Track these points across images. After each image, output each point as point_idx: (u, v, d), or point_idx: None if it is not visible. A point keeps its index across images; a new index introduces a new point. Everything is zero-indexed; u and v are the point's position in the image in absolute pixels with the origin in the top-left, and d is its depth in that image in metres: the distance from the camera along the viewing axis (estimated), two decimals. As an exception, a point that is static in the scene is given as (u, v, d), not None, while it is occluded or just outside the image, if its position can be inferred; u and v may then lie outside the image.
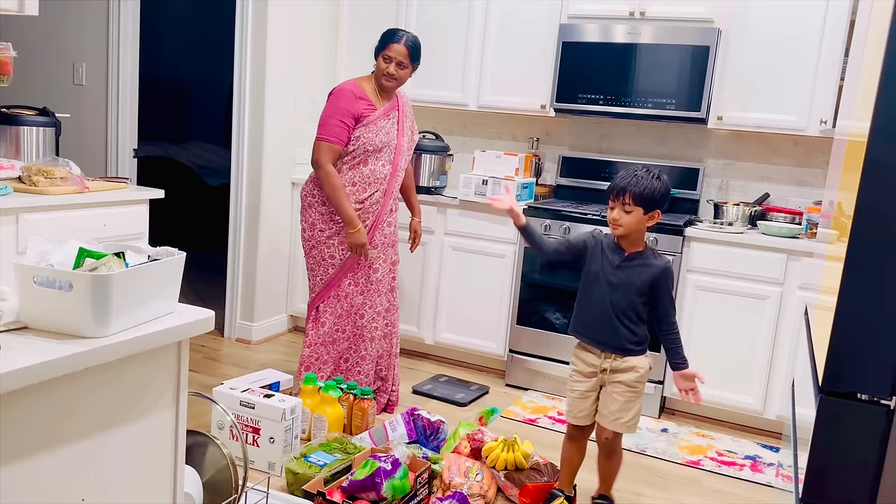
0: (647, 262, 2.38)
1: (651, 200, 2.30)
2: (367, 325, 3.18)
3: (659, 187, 2.31)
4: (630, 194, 2.29)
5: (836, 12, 3.30)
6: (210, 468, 2.06)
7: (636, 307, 2.38)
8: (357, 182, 3.05)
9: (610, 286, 2.39)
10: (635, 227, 2.33)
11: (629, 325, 2.38)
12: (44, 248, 1.36)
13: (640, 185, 2.29)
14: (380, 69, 3.03)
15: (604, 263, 2.41)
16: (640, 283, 2.36)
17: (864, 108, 1.39)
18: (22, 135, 3.15)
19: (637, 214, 2.31)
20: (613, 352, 2.40)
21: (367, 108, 3.03)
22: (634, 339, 2.40)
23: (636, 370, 2.40)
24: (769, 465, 3.13)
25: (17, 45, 4.28)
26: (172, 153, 6.13)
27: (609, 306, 2.38)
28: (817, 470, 1.36)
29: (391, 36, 3.04)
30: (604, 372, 2.41)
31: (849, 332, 1.31)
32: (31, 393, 1.19)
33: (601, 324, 2.41)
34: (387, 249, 3.19)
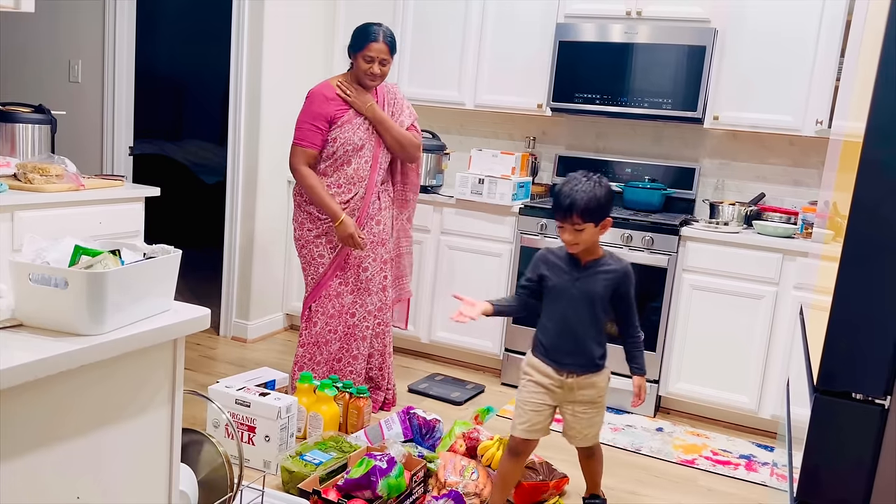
0: (606, 268, 2.29)
1: (599, 211, 2.21)
2: (358, 325, 3.18)
3: (602, 195, 2.22)
4: (577, 214, 2.19)
5: (833, 12, 3.31)
6: (205, 466, 2.06)
7: (600, 318, 2.31)
8: (342, 183, 3.05)
9: (572, 300, 2.29)
10: (591, 241, 2.26)
11: (596, 339, 2.31)
12: (39, 245, 1.36)
13: (583, 200, 2.18)
14: (362, 69, 2.98)
15: (563, 277, 2.31)
16: (602, 291, 2.28)
17: (859, 108, 1.39)
18: (17, 132, 3.14)
19: (589, 230, 2.23)
20: (576, 371, 2.31)
21: (338, 109, 3.00)
22: (599, 353, 2.34)
23: (596, 386, 2.34)
24: (764, 464, 3.14)
25: (12, 42, 4.28)
26: (168, 151, 6.12)
27: (574, 323, 2.29)
28: (812, 469, 1.37)
29: (367, 34, 2.98)
30: (562, 388, 2.32)
31: (844, 331, 1.31)
32: (26, 391, 1.18)
33: (565, 342, 2.31)
34: (376, 248, 3.15)
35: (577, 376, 2.31)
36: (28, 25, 4.21)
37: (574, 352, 2.30)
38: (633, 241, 3.51)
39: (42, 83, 4.22)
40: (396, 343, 4.18)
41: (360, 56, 2.98)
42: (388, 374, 3.33)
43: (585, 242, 2.25)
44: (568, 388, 2.31)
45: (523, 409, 2.35)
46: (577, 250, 2.27)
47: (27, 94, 3.95)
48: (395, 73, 4.21)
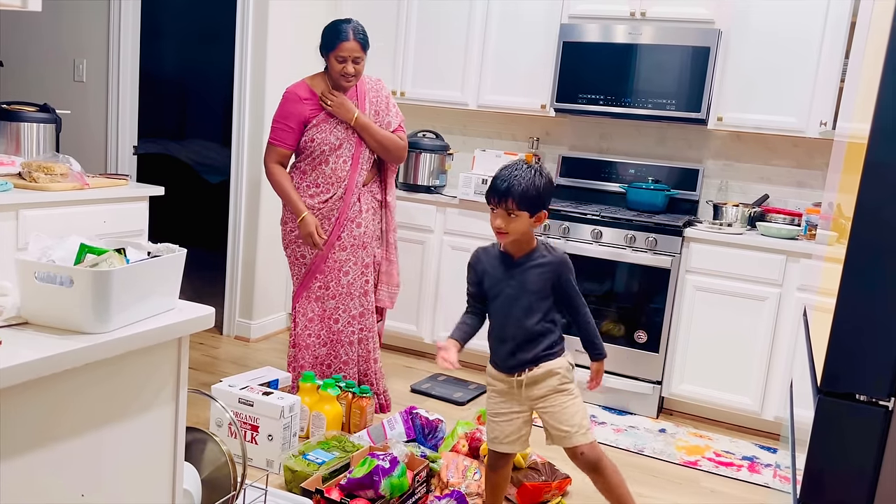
0: (541, 261, 2.16)
1: (536, 201, 2.09)
2: (343, 330, 3.13)
3: (542, 184, 2.09)
4: (512, 199, 2.06)
5: (837, 14, 3.31)
6: (209, 465, 2.06)
7: (541, 311, 2.16)
8: (320, 183, 3.02)
9: (508, 299, 2.16)
10: (523, 232, 2.12)
11: (537, 332, 2.16)
12: (45, 243, 1.36)
13: (521, 186, 2.06)
14: (335, 70, 2.94)
15: (496, 277, 2.19)
16: (539, 286, 2.15)
17: (864, 109, 1.39)
18: (22, 131, 3.15)
19: (523, 219, 2.09)
20: (525, 367, 2.17)
21: (312, 109, 2.98)
22: (546, 343, 2.17)
23: (553, 373, 2.16)
24: (767, 465, 3.13)
25: (18, 42, 4.29)
26: (172, 150, 6.13)
27: (512, 321, 2.16)
28: (815, 471, 1.37)
29: (337, 33, 2.92)
30: (519, 388, 2.18)
31: (848, 333, 1.31)
32: (31, 388, 1.19)
33: (508, 343, 2.17)
34: (357, 251, 3.09)
35: (529, 370, 2.17)
36: (33, 25, 4.22)
37: (518, 350, 2.17)
38: (637, 242, 3.51)
39: (47, 82, 4.23)
40: (399, 342, 4.19)
41: (332, 56, 2.94)
42: (377, 380, 3.25)
43: (515, 232, 2.10)
44: (522, 386, 2.17)
45: (494, 422, 2.24)
46: (506, 241, 2.14)
47: (32, 94, 3.96)
48: (399, 73, 4.22)
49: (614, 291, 3.61)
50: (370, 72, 4.36)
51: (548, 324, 2.18)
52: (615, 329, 3.60)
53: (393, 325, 4.09)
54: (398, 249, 3.37)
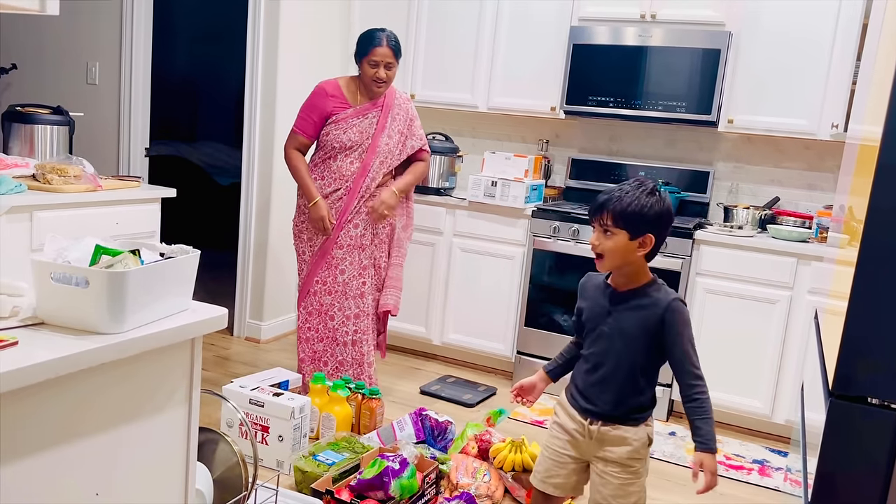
0: (646, 300, 1.84)
1: (639, 221, 1.79)
2: (338, 329, 3.17)
3: (650, 204, 1.79)
4: (610, 213, 1.80)
5: (848, 16, 3.30)
6: (220, 465, 2.07)
7: (636, 362, 1.86)
8: (325, 177, 3.11)
9: (603, 337, 1.89)
10: (621, 255, 1.82)
11: (626, 386, 1.87)
12: (61, 244, 1.38)
13: (623, 201, 1.79)
14: (367, 75, 3.03)
15: (595, 309, 1.93)
16: (637, 331, 1.84)
17: (876, 112, 1.39)
18: (36, 133, 3.18)
19: (621, 239, 1.80)
20: (602, 419, 1.89)
21: (337, 105, 3.07)
22: (636, 404, 1.89)
23: (629, 443, 1.87)
24: (777, 469, 3.12)
25: (32, 45, 4.33)
26: (184, 152, 6.16)
27: (606, 364, 1.88)
28: (826, 474, 1.36)
29: (371, 39, 3.02)
30: (586, 437, 1.91)
31: (859, 336, 1.31)
32: (47, 388, 1.20)
33: (595, 384, 1.90)
34: (353, 251, 3.13)
35: (603, 425, 1.89)
36: (47, 28, 4.26)
37: (601, 398, 1.89)
38: (647, 245, 3.50)
39: (60, 85, 4.27)
40: (408, 344, 4.19)
41: (365, 61, 3.02)
42: (368, 382, 3.24)
43: (611, 254, 1.82)
44: (591, 437, 1.90)
45: (543, 456, 2.00)
46: (602, 266, 1.87)
47: (46, 96, 4.00)
48: (409, 75, 4.23)
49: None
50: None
51: (642, 381, 1.88)
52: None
53: (402, 327, 4.10)
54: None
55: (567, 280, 3.70)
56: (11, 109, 3.20)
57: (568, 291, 3.70)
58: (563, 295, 3.72)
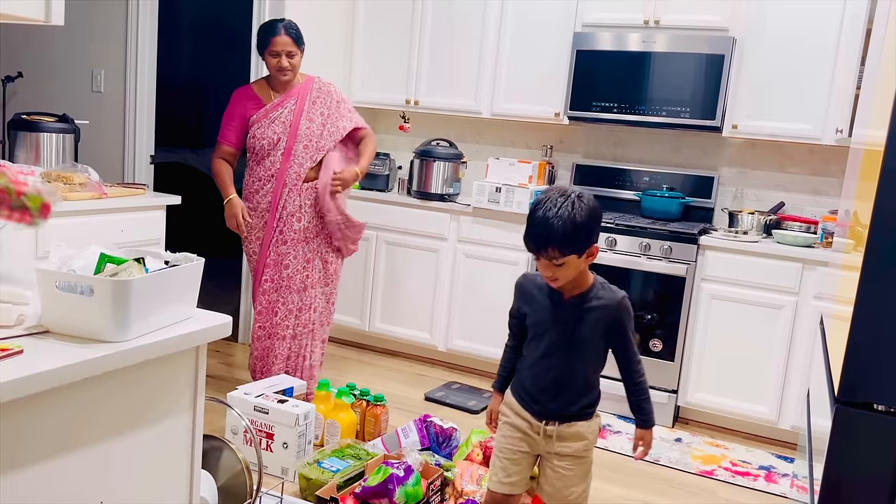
0: (596, 303, 1.89)
1: (581, 240, 1.78)
2: (280, 324, 3.18)
3: (584, 218, 1.77)
4: (553, 247, 1.77)
5: (853, 21, 3.29)
6: (225, 473, 2.07)
7: (588, 362, 1.93)
8: (261, 177, 3.13)
9: (555, 343, 1.91)
10: (574, 274, 1.84)
11: (583, 386, 1.94)
12: (66, 253, 1.38)
13: (559, 230, 1.75)
14: (271, 65, 3.07)
15: (543, 314, 1.93)
16: (592, 333, 1.89)
17: (880, 116, 1.39)
18: (42, 141, 3.19)
19: (572, 262, 1.80)
20: (559, 420, 1.93)
21: (253, 106, 3.11)
22: (588, 401, 1.95)
23: (585, 437, 1.94)
24: (784, 475, 3.10)
25: (37, 53, 4.35)
26: (189, 160, 6.18)
27: (557, 368, 1.91)
28: (833, 481, 1.36)
29: (270, 30, 3.04)
30: (542, 435, 1.94)
31: (865, 341, 1.30)
32: (51, 396, 1.20)
33: (547, 388, 1.93)
34: (297, 245, 3.14)
35: (560, 424, 1.94)
36: (52, 36, 4.28)
37: (555, 399, 1.93)
38: (652, 250, 3.50)
39: (66, 93, 4.29)
40: (413, 350, 4.19)
41: (266, 53, 3.06)
42: (309, 379, 3.23)
43: (567, 277, 1.83)
44: (547, 437, 1.94)
45: (498, 458, 2.00)
46: (558, 286, 1.87)
47: (51, 104, 4.01)
48: (413, 81, 4.24)
49: (629, 299, 3.58)
50: (386, 80, 4.40)
51: (593, 378, 1.96)
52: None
53: (407, 333, 4.10)
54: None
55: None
56: (17, 117, 3.21)
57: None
58: (568, 301, 3.71)
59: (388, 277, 4.15)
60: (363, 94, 4.40)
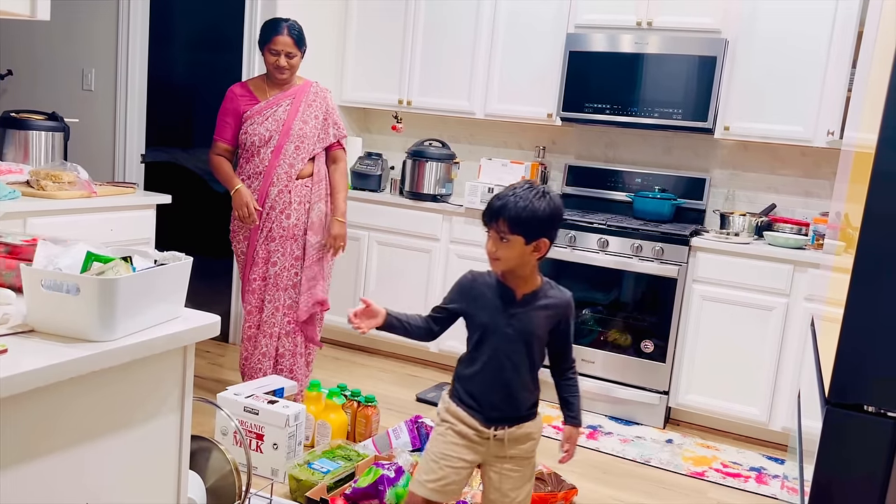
0: (547, 301, 1.89)
1: (534, 226, 1.79)
2: (267, 321, 3.17)
3: (543, 208, 1.79)
4: (505, 220, 1.79)
5: (844, 23, 3.31)
6: (213, 474, 2.06)
7: (536, 362, 1.91)
8: (251, 174, 3.12)
9: (504, 342, 1.86)
10: (517, 260, 1.82)
11: (529, 385, 1.91)
12: (52, 251, 1.36)
13: (517, 207, 1.78)
14: (269, 63, 3.06)
15: (492, 312, 1.88)
16: (542, 330, 1.88)
17: (871, 119, 1.39)
18: (31, 139, 3.17)
19: (517, 245, 1.80)
20: (508, 424, 1.89)
21: (247, 103, 3.10)
22: (532, 400, 1.94)
23: (533, 437, 1.93)
24: (774, 476, 3.11)
25: (26, 50, 4.32)
26: (180, 159, 6.15)
27: (507, 369, 1.87)
28: (823, 482, 1.36)
29: (273, 28, 3.04)
30: (491, 441, 1.88)
31: (856, 343, 1.30)
32: (36, 396, 1.19)
33: (495, 392, 1.88)
34: (286, 242, 3.13)
35: (509, 428, 1.89)
36: (42, 34, 4.25)
37: (505, 402, 1.90)
38: (643, 252, 3.50)
39: (56, 91, 4.26)
40: (405, 351, 4.18)
41: (266, 50, 3.06)
42: (301, 377, 3.24)
43: (508, 260, 1.83)
44: (497, 443, 1.89)
45: (437, 464, 1.90)
46: (499, 268, 1.86)
47: (41, 102, 3.99)
48: (406, 82, 4.23)
49: (621, 301, 3.60)
50: (379, 80, 4.39)
51: (537, 376, 1.93)
52: (622, 339, 3.59)
53: (398, 334, 4.09)
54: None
55: (563, 286, 3.69)
56: (6, 115, 3.19)
57: (564, 298, 3.69)
58: (560, 302, 3.70)
59: (380, 278, 4.13)
60: (355, 93, 4.39)
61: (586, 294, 3.63)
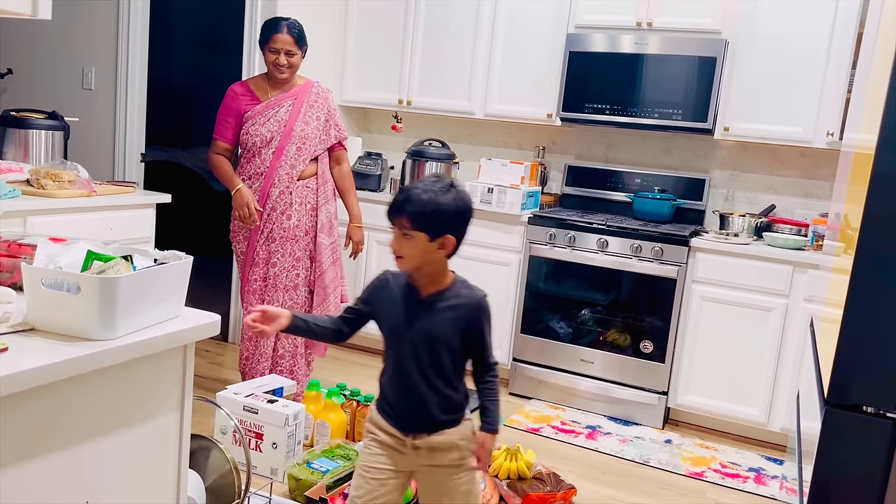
0: (454, 301, 1.77)
1: (437, 221, 1.69)
2: None
3: (447, 202, 1.69)
4: (407, 215, 1.69)
5: (844, 24, 3.31)
6: (213, 473, 2.06)
7: (448, 364, 1.77)
8: (252, 174, 3.11)
9: (411, 346, 1.76)
10: (422, 258, 1.72)
11: (442, 390, 1.77)
12: (52, 250, 1.37)
13: (420, 200, 1.68)
14: (269, 61, 3.06)
15: (397, 315, 1.78)
16: (448, 333, 1.75)
17: (871, 120, 1.39)
18: (31, 138, 3.16)
19: (420, 241, 1.69)
20: (425, 432, 1.79)
21: (248, 102, 3.10)
22: (450, 406, 1.79)
23: (455, 446, 1.80)
24: (773, 477, 3.11)
25: (26, 49, 4.32)
26: (179, 158, 6.15)
27: (414, 374, 1.76)
28: (822, 483, 1.36)
29: (273, 27, 3.04)
30: (410, 449, 1.79)
31: (855, 344, 1.30)
32: (36, 394, 1.19)
33: (406, 397, 1.78)
34: (286, 243, 3.13)
35: (428, 436, 1.79)
36: (42, 33, 4.25)
37: (416, 409, 1.78)
38: (643, 252, 3.50)
39: (56, 90, 4.26)
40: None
41: (266, 48, 3.05)
42: (300, 377, 3.24)
43: (411, 258, 1.72)
44: (416, 450, 1.79)
45: (363, 478, 1.81)
46: (403, 267, 1.76)
47: (41, 101, 3.99)
48: (406, 82, 4.23)
49: (620, 301, 3.60)
50: (379, 79, 4.39)
51: (455, 380, 1.80)
52: (621, 339, 3.59)
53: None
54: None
55: (563, 287, 3.70)
56: (6, 114, 3.18)
57: (564, 298, 3.70)
58: (559, 302, 3.71)
59: (380, 277, 4.13)
60: (355, 93, 4.39)
61: (586, 294, 3.64)
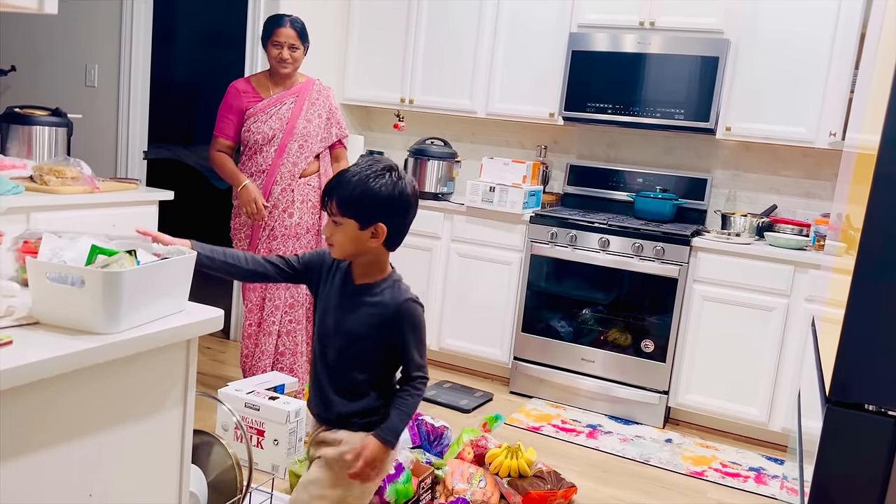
0: (376, 298, 1.64)
1: (368, 208, 1.58)
2: (266, 319, 3.19)
3: (379, 188, 1.57)
4: (334, 200, 1.59)
5: (847, 24, 3.31)
6: (215, 468, 2.07)
7: (360, 364, 1.65)
8: (253, 172, 3.12)
9: (326, 331, 1.67)
10: (352, 246, 1.61)
11: (345, 388, 1.66)
12: (56, 244, 1.37)
13: (349, 185, 1.57)
14: (272, 56, 3.06)
15: (327, 296, 1.69)
16: (362, 330, 1.63)
17: (874, 120, 1.39)
18: (34, 134, 3.17)
19: (350, 229, 1.59)
20: (326, 425, 1.69)
21: (251, 100, 3.10)
22: (352, 409, 1.65)
23: (338, 442, 1.67)
24: (774, 477, 3.11)
25: (30, 46, 4.32)
26: (182, 156, 6.15)
27: (319, 359, 1.68)
28: (823, 482, 1.36)
29: (276, 21, 3.05)
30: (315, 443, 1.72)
31: (857, 343, 1.31)
32: (40, 387, 1.19)
33: (317, 382, 1.69)
34: (287, 241, 3.14)
35: (326, 431, 1.69)
36: (46, 30, 4.26)
37: (318, 399, 1.70)
38: (644, 251, 3.50)
39: (59, 87, 4.26)
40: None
41: (269, 43, 3.06)
42: (301, 375, 3.25)
43: (342, 246, 1.62)
44: (318, 441, 1.71)
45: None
46: (335, 255, 1.66)
47: (44, 98, 3.99)
48: (408, 80, 4.23)
49: (621, 300, 3.60)
50: (381, 78, 4.40)
51: (366, 386, 1.66)
52: (622, 338, 3.59)
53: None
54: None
55: (565, 286, 3.70)
56: (10, 111, 3.19)
57: (565, 297, 3.70)
58: (561, 301, 3.71)
59: (381, 276, 4.13)
60: (357, 92, 4.40)
61: (587, 293, 3.64)
